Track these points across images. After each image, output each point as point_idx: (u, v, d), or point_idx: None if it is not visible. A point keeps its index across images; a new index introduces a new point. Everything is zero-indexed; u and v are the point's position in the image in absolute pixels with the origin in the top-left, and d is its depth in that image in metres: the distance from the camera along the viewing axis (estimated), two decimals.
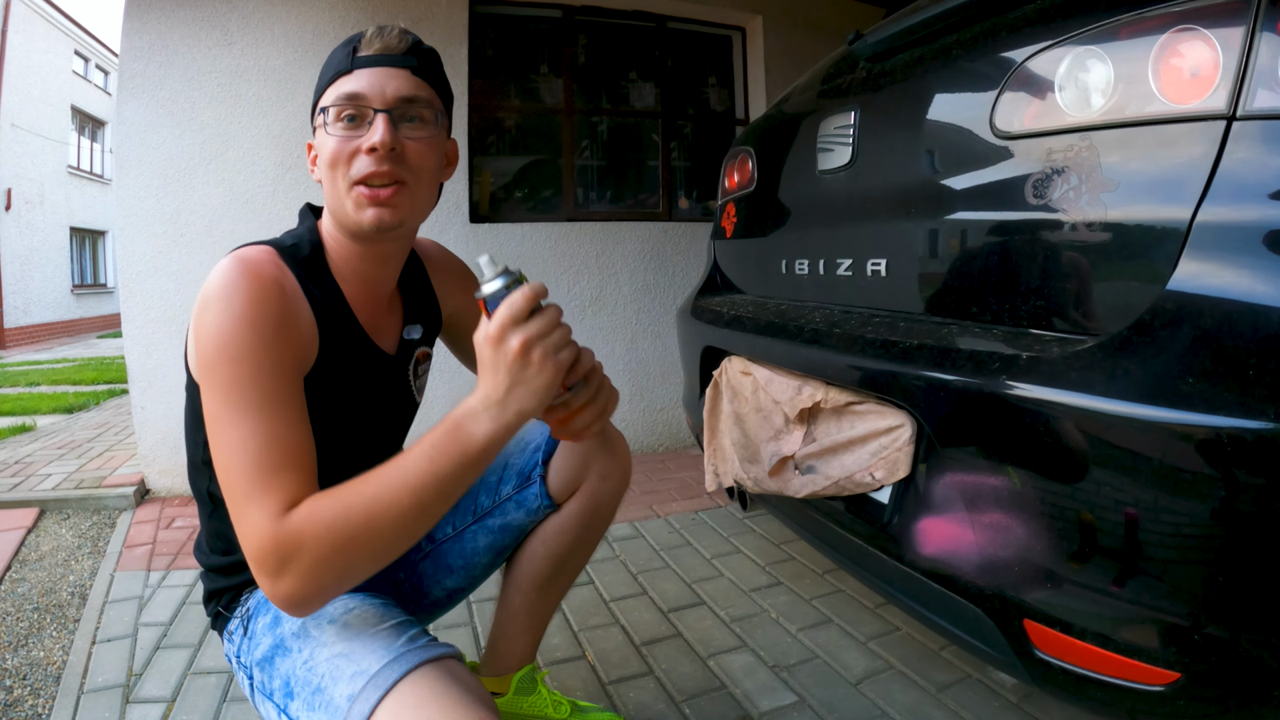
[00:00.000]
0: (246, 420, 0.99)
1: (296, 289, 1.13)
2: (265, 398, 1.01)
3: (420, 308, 1.44)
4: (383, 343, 1.32)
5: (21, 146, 17.02)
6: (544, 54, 4.57)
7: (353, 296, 1.24)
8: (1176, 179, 1.04)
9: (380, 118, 1.10)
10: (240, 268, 1.06)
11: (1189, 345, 0.97)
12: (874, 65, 1.75)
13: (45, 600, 2.55)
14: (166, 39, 3.65)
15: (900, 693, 1.87)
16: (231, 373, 1.00)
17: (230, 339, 1.01)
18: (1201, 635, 0.98)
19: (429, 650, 1.00)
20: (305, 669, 1.04)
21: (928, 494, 1.35)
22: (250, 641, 1.18)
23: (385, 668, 0.95)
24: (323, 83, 1.17)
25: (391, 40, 1.14)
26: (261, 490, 0.96)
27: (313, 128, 1.19)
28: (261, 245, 1.16)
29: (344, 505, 0.95)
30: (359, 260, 1.23)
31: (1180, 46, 1.06)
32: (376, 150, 1.09)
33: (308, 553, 0.93)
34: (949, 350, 1.29)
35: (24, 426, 5.59)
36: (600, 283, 4.40)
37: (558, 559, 1.58)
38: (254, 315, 1.02)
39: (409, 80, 1.14)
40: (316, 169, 1.20)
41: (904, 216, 1.55)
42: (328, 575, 0.95)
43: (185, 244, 3.68)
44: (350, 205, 1.13)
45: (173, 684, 1.98)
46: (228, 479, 0.99)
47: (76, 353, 13.65)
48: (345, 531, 0.93)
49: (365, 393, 1.29)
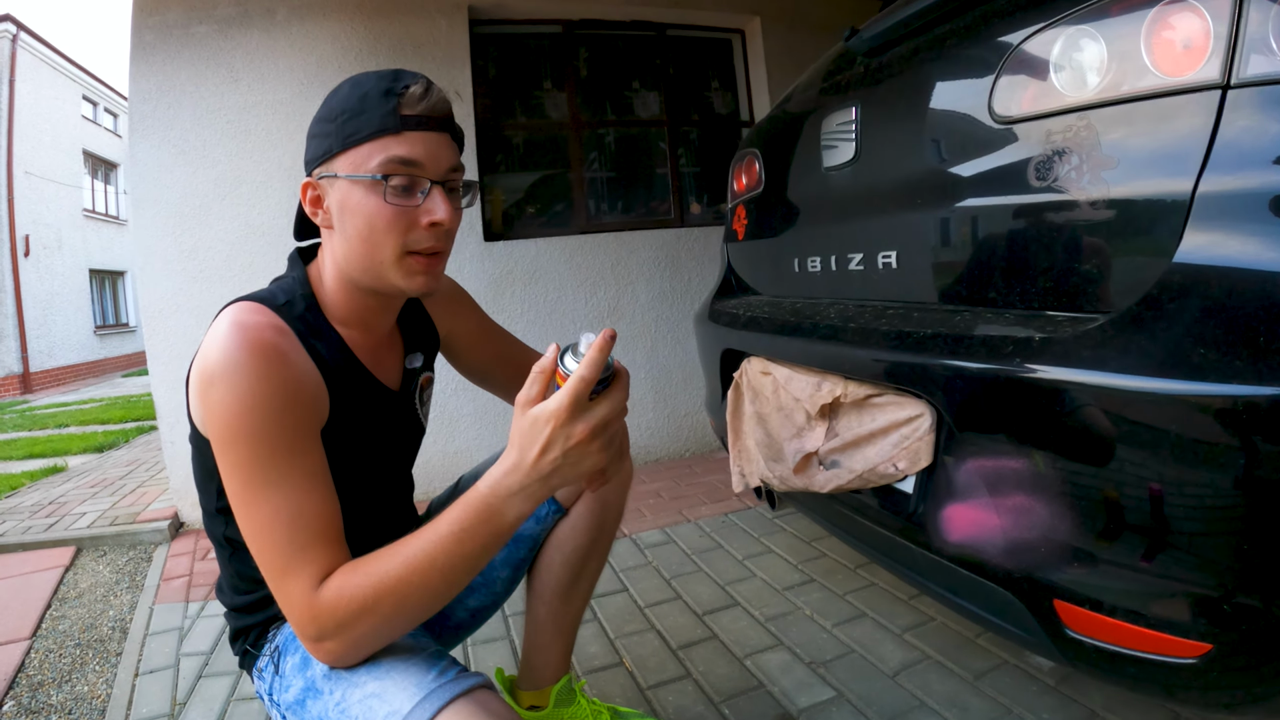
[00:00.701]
0: (270, 498, 1.01)
1: (299, 349, 1.12)
2: (285, 472, 1.02)
3: (419, 335, 1.45)
4: (387, 379, 1.32)
5: (36, 193, 17.21)
6: (546, 70, 4.60)
7: (354, 341, 1.25)
8: (1176, 151, 1.05)
9: (438, 191, 1.11)
10: (241, 340, 1.04)
11: (1199, 316, 0.97)
12: (871, 60, 1.76)
13: (86, 636, 2.59)
14: (174, 80, 3.70)
15: (938, 682, 1.87)
16: (249, 452, 1.01)
17: (243, 420, 1.01)
18: (1231, 605, 0.98)
19: (459, 684, 1.00)
20: (338, 711, 1.04)
21: (951, 481, 1.35)
22: (281, 680, 1.18)
23: (416, 708, 0.95)
24: (358, 131, 1.09)
25: (436, 102, 1.12)
26: (296, 565, 1.00)
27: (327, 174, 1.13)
28: (256, 303, 1.12)
29: (374, 585, 0.97)
30: (365, 310, 1.24)
31: (1171, 19, 1.07)
32: (442, 225, 1.11)
33: (343, 625, 0.98)
34: (963, 337, 1.30)
35: (56, 468, 5.67)
36: (617, 293, 4.42)
37: (574, 563, 1.59)
38: (263, 392, 1.02)
39: (451, 148, 1.15)
40: (332, 218, 1.15)
41: (911, 208, 1.55)
42: (363, 642, 1.01)
43: (205, 279, 3.73)
44: (398, 272, 1.14)
45: (216, 711, 2.01)
46: (260, 556, 1.02)
47: (103, 392, 13.78)
48: (376, 609, 0.98)
49: (378, 431, 1.30)
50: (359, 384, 1.24)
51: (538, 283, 4.24)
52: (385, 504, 1.42)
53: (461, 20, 4.15)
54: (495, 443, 4.13)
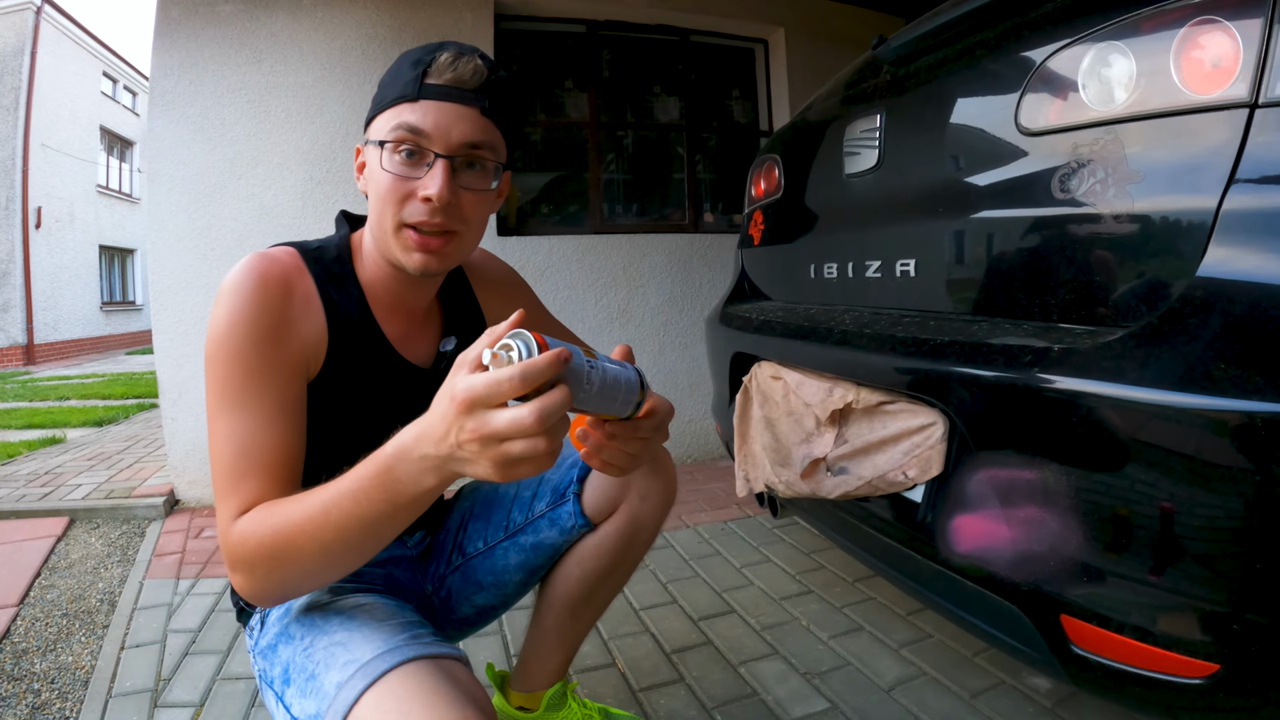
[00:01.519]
0: (232, 418, 1.03)
1: (309, 290, 1.13)
2: (251, 399, 1.03)
3: (461, 319, 1.39)
4: (414, 354, 1.29)
5: (51, 166, 17.27)
6: (569, 69, 4.61)
7: (380, 308, 1.22)
8: (1201, 168, 1.04)
9: (440, 164, 1.06)
10: (252, 266, 1.07)
11: (1220, 331, 0.97)
12: (898, 69, 1.76)
13: (74, 606, 2.58)
14: (196, 57, 3.71)
15: (933, 699, 1.86)
16: (225, 370, 1.03)
17: (228, 337, 1.03)
18: (1241, 623, 0.97)
19: (428, 648, 0.98)
20: (304, 655, 1.03)
21: (962, 491, 1.34)
22: (262, 632, 1.19)
23: (377, 658, 0.94)
24: (383, 100, 1.11)
25: (465, 72, 1.07)
26: (230, 490, 1.01)
27: (365, 139, 1.15)
28: (286, 246, 1.16)
29: (273, 529, 0.95)
30: (392, 281, 1.21)
31: (1201, 38, 1.06)
32: (432, 201, 1.06)
33: (245, 562, 0.98)
34: (980, 346, 1.29)
35: (54, 439, 5.67)
36: (628, 295, 4.42)
37: (593, 581, 1.52)
38: (253, 315, 1.04)
39: (476, 122, 1.09)
40: (363, 183, 1.16)
41: (932, 216, 1.55)
42: (266, 582, 0.99)
43: (215, 258, 3.73)
44: (396, 245, 1.11)
45: (201, 689, 2.00)
46: (212, 470, 1.04)
47: (105, 368, 13.80)
48: (273, 552, 0.96)
49: (388, 401, 1.24)
50: (369, 345, 1.21)
51: (549, 280, 4.24)
52: None
53: (487, 15, 4.16)
54: None
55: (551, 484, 1.49)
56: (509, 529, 1.50)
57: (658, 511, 1.51)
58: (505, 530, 1.50)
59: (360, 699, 0.89)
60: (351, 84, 3.90)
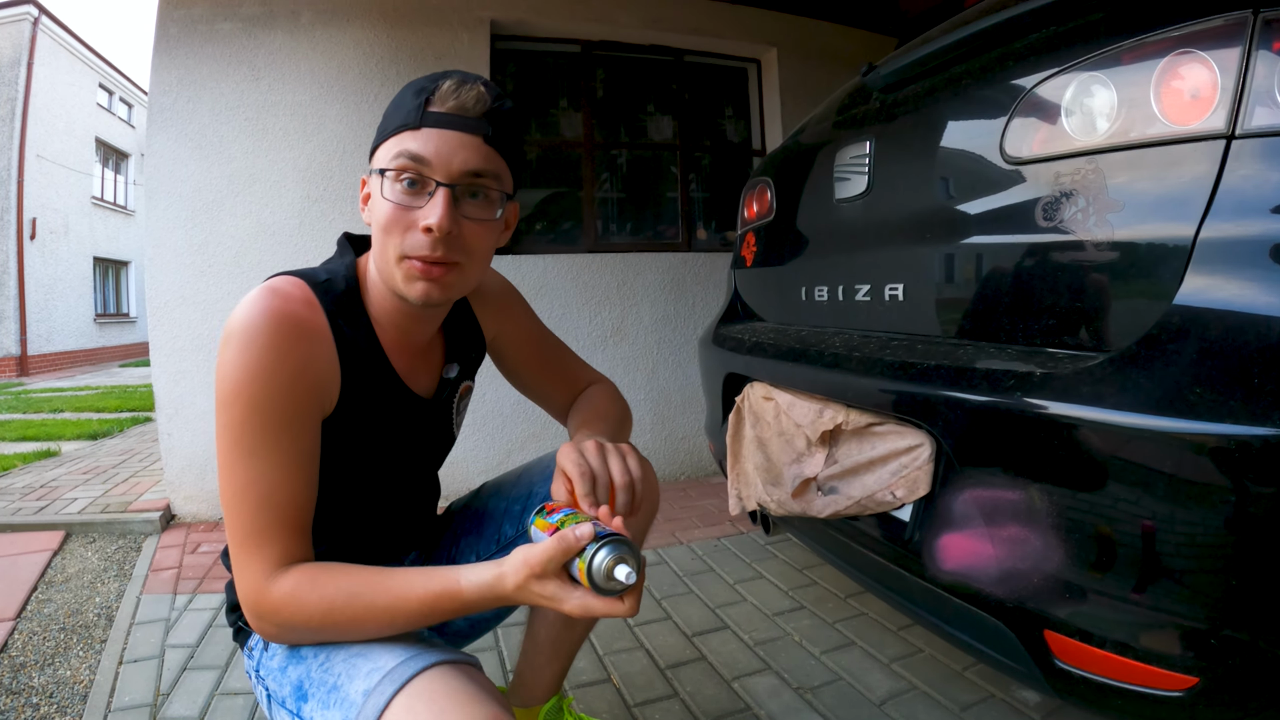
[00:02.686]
0: (250, 468, 1.02)
1: (324, 328, 1.11)
2: (269, 449, 1.03)
3: (462, 343, 1.40)
4: (419, 386, 1.29)
5: (46, 177, 17.21)
6: (563, 88, 4.65)
7: (388, 340, 1.21)
8: (1180, 197, 1.08)
9: (441, 193, 1.05)
10: (266, 306, 1.04)
11: (1196, 357, 1.00)
12: (887, 96, 1.79)
13: (71, 621, 2.59)
14: (195, 74, 3.75)
15: (924, 713, 1.88)
16: (243, 417, 1.02)
17: (246, 384, 1.01)
18: (1219, 639, 1.00)
19: (447, 654, 1.01)
20: (321, 670, 1.04)
21: (948, 510, 1.37)
22: (267, 653, 1.18)
23: (401, 664, 0.96)
24: (386, 128, 1.10)
25: (468, 99, 1.07)
26: (255, 542, 1.02)
27: (369, 169, 1.13)
28: (295, 278, 1.13)
29: (328, 599, 0.99)
30: (398, 314, 1.20)
31: (1180, 69, 1.10)
32: (433, 232, 1.04)
33: (284, 621, 1.01)
34: (965, 370, 1.32)
35: (49, 452, 5.66)
36: (621, 313, 4.45)
37: None
38: (271, 362, 1.02)
39: (479, 151, 1.07)
40: (368, 214, 1.14)
41: (920, 242, 1.58)
42: (299, 639, 1.05)
43: (213, 274, 3.76)
44: (399, 275, 1.09)
45: (200, 704, 2.01)
46: (229, 519, 1.04)
47: (99, 381, 13.74)
48: (320, 622, 1.00)
49: (397, 435, 1.28)
50: (381, 381, 1.21)
51: (543, 299, 4.26)
52: (401, 504, 1.41)
53: (483, 35, 4.20)
54: (493, 452, 4.17)
55: (540, 497, 1.49)
56: (500, 542, 1.51)
57: (643, 522, 1.52)
58: (497, 543, 1.51)
59: (390, 703, 0.91)
60: (349, 103, 3.93)
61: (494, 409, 4.16)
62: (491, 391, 3.88)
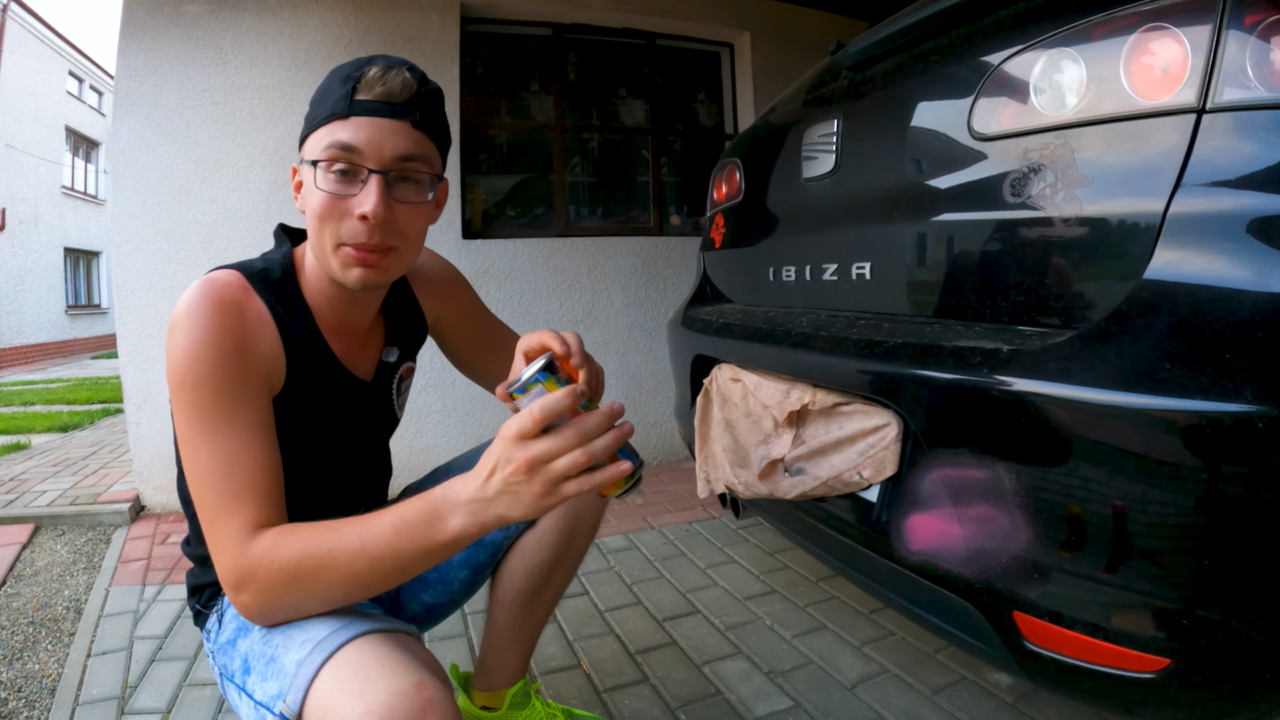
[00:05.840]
0: (210, 441, 1.03)
1: (262, 312, 1.13)
2: (225, 420, 1.04)
3: (402, 326, 1.43)
4: (359, 369, 1.32)
5: (15, 167, 17.04)
6: (535, 71, 4.60)
7: (327, 325, 1.24)
8: (1150, 172, 1.06)
9: (374, 181, 1.07)
10: (203, 293, 1.07)
11: (1166, 332, 0.99)
12: (856, 74, 1.77)
13: (40, 614, 2.55)
14: (161, 57, 3.68)
15: (896, 695, 1.88)
16: (194, 396, 1.03)
17: (192, 364, 1.03)
18: (1191, 619, 0.99)
19: (380, 623, 1.01)
20: (262, 643, 1.05)
21: (915, 490, 1.36)
22: (220, 631, 1.20)
23: (332, 634, 0.96)
24: (315, 118, 1.12)
25: (394, 86, 1.08)
26: (227, 512, 1.01)
27: (300, 159, 1.16)
28: (231, 269, 1.15)
29: (300, 551, 0.98)
30: (336, 299, 1.22)
31: (1151, 45, 1.09)
32: (369, 220, 1.07)
33: (261, 582, 0.99)
34: (932, 348, 1.30)
35: (19, 444, 5.59)
36: (592, 298, 4.42)
37: (538, 576, 1.55)
38: (213, 341, 1.04)
39: (408, 136, 1.10)
40: (301, 202, 1.16)
41: (887, 220, 1.57)
42: (278, 604, 1.01)
43: (180, 261, 3.70)
44: (336, 262, 1.12)
45: (168, 695, 1.98)
46: (197, 497, 1.04)
47: (70, 373, 13.62)
48: (296, 575, 0.98)
49: (340, 417, 1.30)
50: (321, 364, 1.23)
51: (514, 283, 4.23)
52: (348, 485, 1.40)
53: (453, 17, 4.15)
54: (465, 439, 4.13)
55: None
56: None
57: (598, 504, 1.58)
58: None
59: (320, 671, 0.92)
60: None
61: (465, 396, 4.13)
62: (462, 379, 3.85)
